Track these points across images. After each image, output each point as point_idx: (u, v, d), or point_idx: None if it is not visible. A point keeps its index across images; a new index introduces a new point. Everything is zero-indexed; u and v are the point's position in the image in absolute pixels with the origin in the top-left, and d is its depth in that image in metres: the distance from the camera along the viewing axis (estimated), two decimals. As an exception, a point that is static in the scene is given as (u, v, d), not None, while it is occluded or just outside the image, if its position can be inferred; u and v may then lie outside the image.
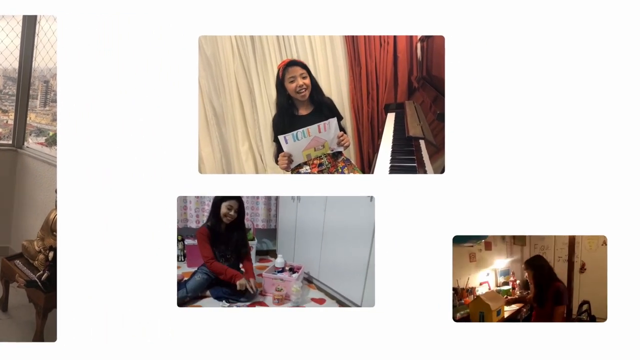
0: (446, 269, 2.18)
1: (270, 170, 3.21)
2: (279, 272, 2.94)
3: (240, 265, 2.89)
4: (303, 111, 2.53)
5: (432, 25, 2.08)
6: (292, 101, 2.50)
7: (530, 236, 2.67)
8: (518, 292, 3.05)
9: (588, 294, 2.59)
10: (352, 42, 3.28)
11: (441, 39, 2.05)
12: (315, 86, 2.51)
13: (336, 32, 2.11)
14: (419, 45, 3.49)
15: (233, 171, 3.27)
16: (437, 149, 2.22)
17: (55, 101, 2.92)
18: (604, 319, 2.30)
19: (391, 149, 2.71)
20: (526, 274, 2.74)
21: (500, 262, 3.06)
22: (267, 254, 3.51)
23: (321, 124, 2.38)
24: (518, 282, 3.09)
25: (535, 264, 2.65)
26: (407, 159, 2.50)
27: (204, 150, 3.18)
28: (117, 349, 2.09)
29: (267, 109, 3.19)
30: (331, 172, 2.50)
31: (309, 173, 2.47)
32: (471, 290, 2.82)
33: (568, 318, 2.49)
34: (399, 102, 3.54)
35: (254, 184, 2.20)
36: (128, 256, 2.08)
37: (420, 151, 2.51)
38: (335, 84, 3.23)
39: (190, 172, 2.10)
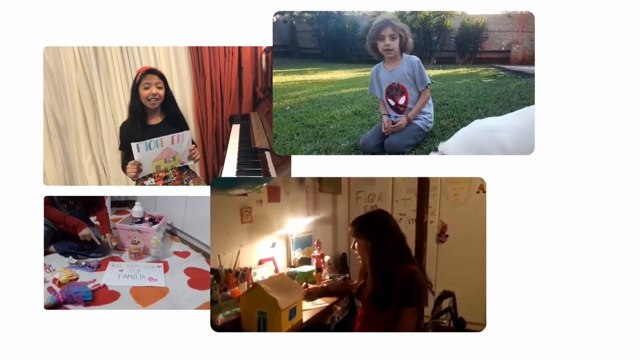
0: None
1: (114, 183, 3.14)
2: (137, 222, 2.73)
3: (94, 219, 2.65)
4: (153, 120, 2.53)
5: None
6: (143, 109, 2.48)
7: (349, 179, 1.80)
8: (328, 276, 2.21)
9: (452, 281, 1.69)
10: (197, 53, 3.29)
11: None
12: (170, 98, 2.52)
13: (180, 42, 2.14)
14: (263, 55, 3.57)
15: (76, 184, 3.17)
16: (283, 160, 2.29)
17: None
18: (480, 324, 1.50)
19: (237, 161, 2.73)
20: (356, 244, 1.67)
21: (297, 223, 2.27)
22: (125, 204, 3.25)
23: (175, 135, 2.38)
24: (327, 258, 2.28)
25: (374, 226, 1.59)
26: (252, 171, 2.54)
27: (47, 162, 3.05)
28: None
29: (110, 121, 3.13)
30: (176, 185, 2.51)
31: (154, 185, 2.47)
32: (244, 274, 2.12)
33: (417, 323, 1.52)
34: (244, 114, 3.61)
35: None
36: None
37: (266, 163, 2.56)
38: (180, 95, 3.21)
39: (35, 184, 2.06)
